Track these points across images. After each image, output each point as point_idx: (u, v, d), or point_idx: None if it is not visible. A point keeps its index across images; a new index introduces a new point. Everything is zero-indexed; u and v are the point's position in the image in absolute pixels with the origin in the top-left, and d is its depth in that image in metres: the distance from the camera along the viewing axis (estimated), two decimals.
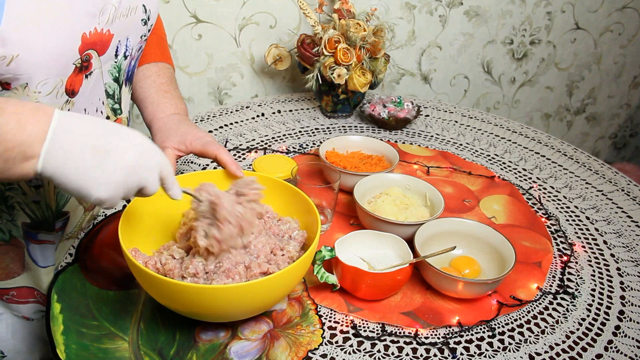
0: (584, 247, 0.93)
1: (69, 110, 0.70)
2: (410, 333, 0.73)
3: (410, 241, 0.80)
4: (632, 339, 0.74)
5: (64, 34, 0.63)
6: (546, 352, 0.72)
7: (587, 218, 1.01)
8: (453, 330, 0.74)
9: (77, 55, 0.66)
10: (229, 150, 1.14)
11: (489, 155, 1.21)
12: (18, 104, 0.53)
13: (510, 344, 0.73)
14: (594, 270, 0.88)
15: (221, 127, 1.24)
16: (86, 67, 0.69)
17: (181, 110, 0.91)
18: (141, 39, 0.81)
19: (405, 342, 0.72)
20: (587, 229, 0.98)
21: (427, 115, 1.39)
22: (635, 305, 0.80)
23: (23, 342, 0.91)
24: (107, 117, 0.80)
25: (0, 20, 0.56)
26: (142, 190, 0.60)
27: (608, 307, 0.80)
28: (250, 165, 1.08)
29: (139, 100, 0.91)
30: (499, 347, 0.72)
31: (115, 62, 0.76)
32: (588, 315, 0.78)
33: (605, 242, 0.95)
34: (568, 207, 1.04)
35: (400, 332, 0.73)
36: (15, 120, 0.51)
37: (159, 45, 0.96)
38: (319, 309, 0.75)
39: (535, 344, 0.73)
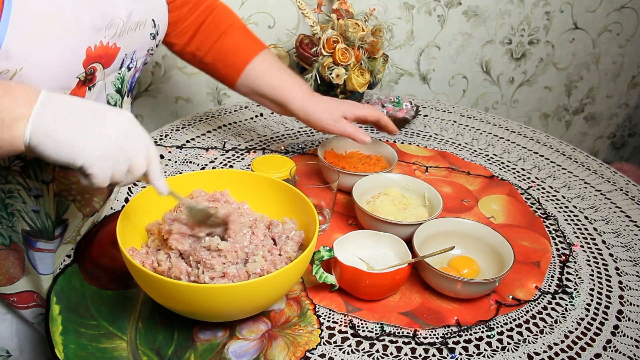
0: (582, 246, 0.93)
1: None
2: (409, 333, 0.73)
3: (409, 241, 0.80)
4: (631, 338, 0.74)
5: (68, 49, 0.62)
6: (545, 351, 0.72)
7: (586, 218, 1.01)
8: (452, 330, 0.74)
9: (82, 69, 0.65)
10: (227, 151, 1.14)
11: (487, 155, 1.21)
12: (4, 81, 0.54)
13: (509, 343, 0.73)
14: (592, 270, 0.88)
15: (220, 127, 1.24)
16: (90, 80, 0.69)
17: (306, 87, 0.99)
18: (148, 52, 0.80)
19: (403, 342, 0.72)
20: (586, 229, 0.98)
21: (426, 115, 1.39)
22: (634, 305, 0.80)
23: (26, 341, 0.91)
24: None
25: (4, 34, 0.56)
26: (130, 169, 0.57)
27: (607, 307, 0.80)
28: (249, 165, 1.08)
29: (270, 89, 0.96)
30: (497, 347, 0.72)
31: (119, 73, 0.75)
32: (587, 315, 0.78)
33: (604, 242, 0.95)
34: (567, 207, 1.04)
35: (398, 332, 0.73)
36: (3, 88, 0.52)
37: (251, 35, 1.00)
38: (317, 309, 0.75)
39: (534, 343, 0.73)
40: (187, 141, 1.16)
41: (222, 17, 0.98)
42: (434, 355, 0.70)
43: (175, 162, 1.08)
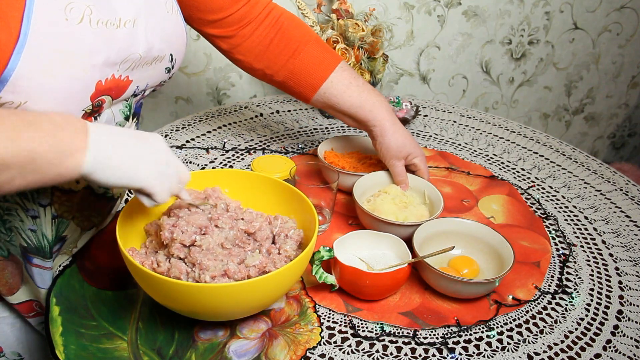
0: (582, 246, 0.93)
1: None
2: (409, 333, 0.73)
3: (408, 241, 0.80)
4: (631, 338, 0.74)
5: (78, 85, 0.62)
6: (545, 351, 0.72)
7: (586, 218, 1.01)
8: (452, 330, 0.74)
9: (89, 102, 0.65)
10: (227, 151, 1.14)
11: (487, 155, 1.21)
12: (49, 113, 0.56)
13: (508, 343, 0.73)
14: (592, 270, 0.88)
15: (220, 127, 1.24)
16: (97, 111, 0.68)
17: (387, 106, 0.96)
18: (160, 84, 0.79)
19: (403, 342, 0.72)
20: (586, 229, 0.98)
21: (426, 115, 1.39)
22: (634, 305, 0.81)
23: (35, 345, 0.91)
24: None
25: (15, 66, 0.55)
26: (180, 178, 0.65)
27: (606, 307, 0.80)
28: (249, 165, 1.08)
29: (349, 107, 0.93)
30: (497, 347, 0.72)
31: (127, 101, 0.74)
32: (587, 315, 0.78)
33: (603, 242, 0.95)
34: (567, 207, 1.04)
35: (398, 332, 0.73)
36: (61, 117, 0.54)
37: (325, 49, 0.94)
38: (317, 308, 0.75)
39: (533, 343, 0.73)
40: (187, 141, 1.16)
41: (292, 34, 0.92)
42: (434, 355, 0.70)
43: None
